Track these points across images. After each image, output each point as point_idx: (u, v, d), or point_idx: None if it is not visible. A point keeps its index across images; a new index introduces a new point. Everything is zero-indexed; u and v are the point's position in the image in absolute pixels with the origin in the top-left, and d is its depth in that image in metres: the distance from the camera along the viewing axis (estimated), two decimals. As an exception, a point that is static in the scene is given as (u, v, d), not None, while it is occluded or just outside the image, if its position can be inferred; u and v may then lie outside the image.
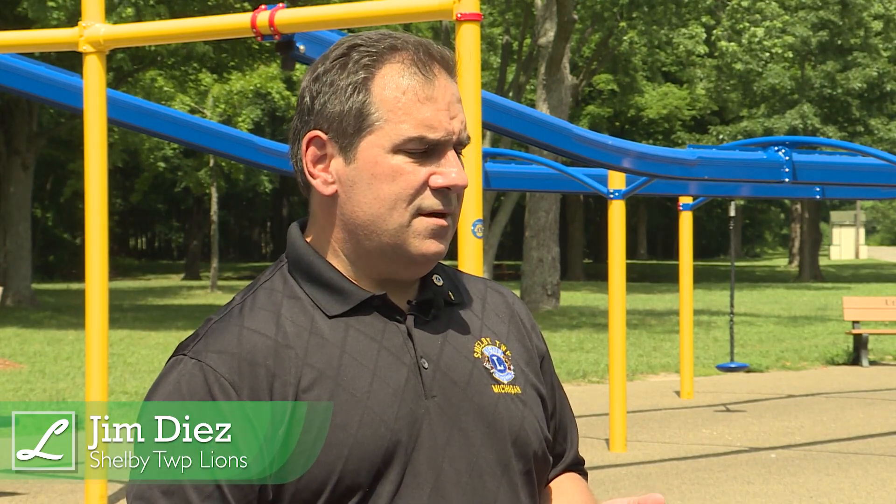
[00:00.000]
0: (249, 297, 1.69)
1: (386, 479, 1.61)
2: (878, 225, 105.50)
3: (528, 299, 27.50)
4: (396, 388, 1.64)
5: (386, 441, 1.61)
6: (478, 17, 6.03)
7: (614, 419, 10.21)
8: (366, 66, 1.67)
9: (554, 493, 1.81)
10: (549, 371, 1.85)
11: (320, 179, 1.69)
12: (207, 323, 1.67)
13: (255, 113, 42.18)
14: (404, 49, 1.68)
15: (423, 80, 1.66)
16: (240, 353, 1.61)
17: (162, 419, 1.59)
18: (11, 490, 8.57)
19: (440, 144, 1.66)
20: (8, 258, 28.01)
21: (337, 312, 1.67)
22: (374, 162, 1.65)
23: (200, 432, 1.58)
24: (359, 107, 1.66)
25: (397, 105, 1.65)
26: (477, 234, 5.87)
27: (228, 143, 10.23)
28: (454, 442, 1.66)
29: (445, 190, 1.67)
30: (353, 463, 1.59)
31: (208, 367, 1.61)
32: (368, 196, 1.66)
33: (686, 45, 29.77)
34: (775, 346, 19.44)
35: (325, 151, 1.68)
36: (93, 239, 7.15)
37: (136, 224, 66.62)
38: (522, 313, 1.86)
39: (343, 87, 1.67)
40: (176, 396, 1.60)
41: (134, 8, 23.70)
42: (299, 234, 1.74)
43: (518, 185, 13.23)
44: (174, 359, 1.65)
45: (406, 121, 1.65)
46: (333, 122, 1.67)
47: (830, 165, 10.31)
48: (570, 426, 1.88)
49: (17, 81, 8.58)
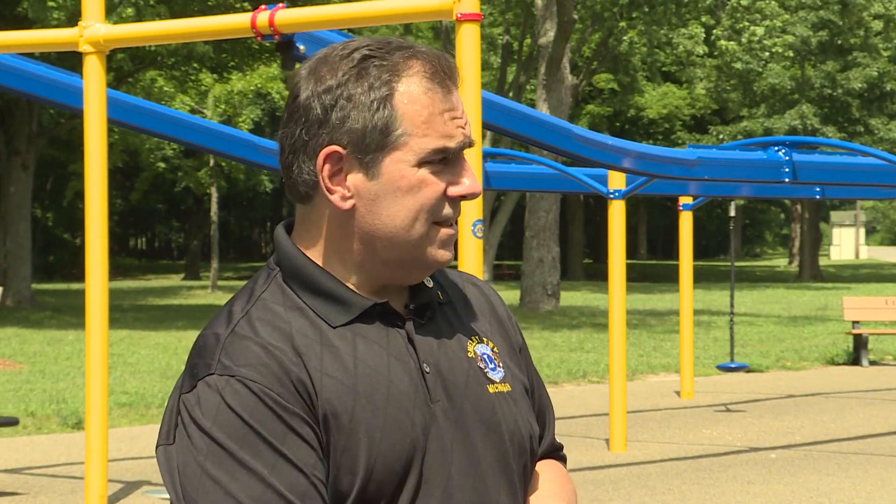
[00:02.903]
0: (252, 310, 1.67)
1: (405, 487, 1.62)
2: (878, 225, 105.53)
3: (528, 299, 27.51)
4: (408, 394, 1.65)
5: (406, 449, 1.62)
6: (478, 17, 6.03)
7: (614, 419, 10.21)
8: (386, 82, 1.66)
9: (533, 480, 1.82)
10: (526, 359, 1.87)
11: (338, 194, 1.67)
12: (217, 340, 1.64)
13: (255, 113, 42.18)
14: (418, 60, 1.68)
15: (442, 92, 1.68)
16: (270, 364, 1.60)
17: (225, 438, 1.57)
18: (11, 490, 8.57)
19: (456, 152, 1.69)
20: (8, 258, 28.01)
21: (341, 322, 1.67)
22: (399, 176, 1.66)
23: (271, 441, 1.57)
24: (384, 123, 1.65)
25: (420, 120, 1.66)
26: (477, 234, 5.87)
27: (229, 144, 10.23)
28: (458, 446, 1.67)
29: (463, 198, 1.70)
30: (378, 472, 1.60)
31: (248, 379, 1.58)
32: (393, 209, 1.66)
33: (686, 44, 29.77)
34: (775, 346, 19.44)
35: (341, 166, 1.67)
36: (93, 239, 7.15)
37: (136, 224, 66.63)
38: (499, 305, 1.87)
39: (365, 102, 1.66)
40: (228, 415, 1.57)
41: (134, 8, 23.70)
42: (290, 242, 1.72)
43: (518, 185, 13.24)
44: (201, 382, 1.60)
45: (429, 134, 1.66)
46: (354, 138, 1.66)
47: (830, 165, 10.31)
48: (547, 411, 1.90)
49: (17, 81, 8.58)
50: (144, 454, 9.81)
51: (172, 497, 1.62)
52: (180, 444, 1.60)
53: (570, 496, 1.83)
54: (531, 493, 1.79)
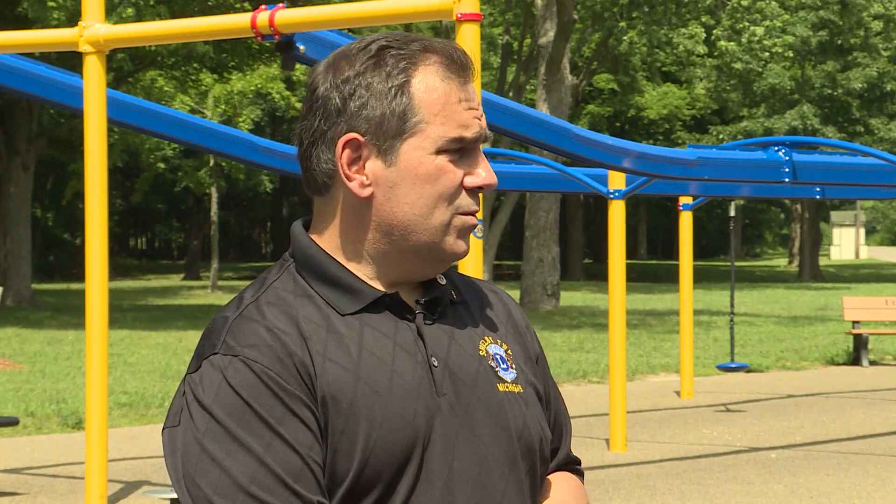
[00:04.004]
0: (262, 296, 1.70)
1: (405, 475, 1.63)
2: (878, 225, 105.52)
3: (528, 299, 27.50)
4: (413, 384, 1.66)
5: (406, 436, 1.63)
6: (478, 17, 6.03)
7: (614, 419, 10.21)
8: (404, 70, 1.69)
9: (546, 490, 1.82)
10: (543, 369, 1.87)
11: (357, 182, 1.69)
12: (225, 322, 1.66)
13: (255, 113, 42.17)
14: (436, 51, 1.71)
15: (459, 82, 1.71)
16: (273, 345, 1.62)
17: (225, 416, 1.59)
18: (11, 490, 8.57)
19: (473, 143, 1.71)
20: (8, 258, 28.02)
21: (350, 311, 1.69)
22: (417, 163, 1.68)
23: (268, 421, 1.58)
24: (401, 110, 1.68)
25: (437, 107, 1.69)
26: (477, 234, 5.87)
27: (229, 144, 10.23)
28: (463, 439, 1.67)
29: (479, 189, 1.72)
30: (376, 457, 1.61)
31: (250, 360, 1.61)
32: (411, 196, 1.68)
33: (686, 44, 29.76)
34: (775, 346, 19.44)
35: (360, 153, 1.70)
36: (93, 239, 7.16)
37: (136, 224, 66.65)
38: (518, 314, 1.88)
39: (383, 90, 1.68)
40: (229, 394, 1.59)
41: (134, 8, 23.70)
42: (305, 234, 1.75)
43: (518, 185, 13.24)
44: (206, 361, 1.63)
45: (447, 122, 1.69)
46: (373, 125, 1.69)
47: (830, 165, 10.31)
48: (564, 424, 1.90)
49: (17, 81, 8.59)
50: (144, 454, 9.81)
51: (172, 478, 1.63)
52: (183, 424, 1.62)
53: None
54: (543, 499, 1.80)
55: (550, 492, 1.81)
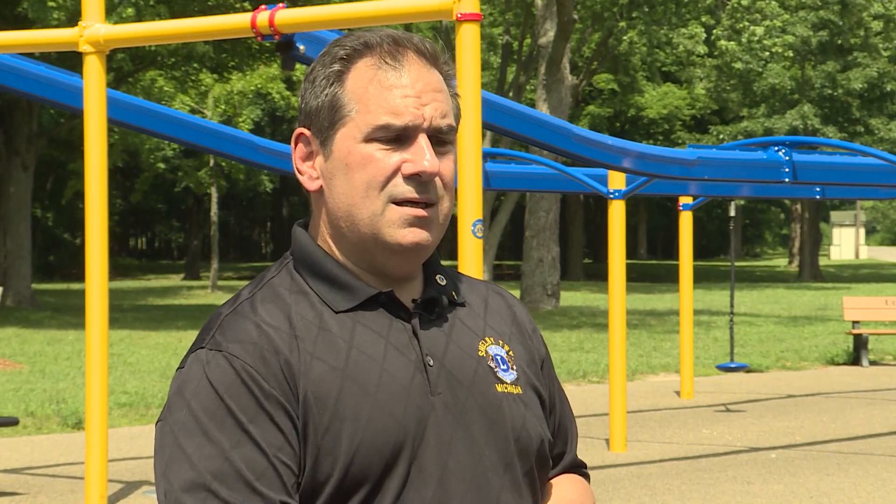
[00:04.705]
0: (258, 293, 1.70)
1: (394, 474, 1.62)
2: (878, 225, 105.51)
3: (528, 299, 27.50)
4: (404, 383, 1.65)
5: (395, 435, 1.62)
6: (478, 17, 6.03)
7: (614, 419, 10.21)
8: (341, 60, 1.70)
9: (552, 492, 1.81)
10: (549, 373, 1.85)
11: (306, 175, 1.72)
12: (218, 317, 1.67)
13: (255, 113, 42.18)
14: (378, 44, 1.70)
15: (390, 68, 1.68)
16: (259, 342, 1.62)
17: (200, 410, 1.59)
18: (11, 490, 8.57)
19: (409, 131, 1.67)
20: (8, 258, 28.01)
21: (343, 308, 1.68)
22: (347, 152, 1.67)
23: (239, 418, 1.58)
24: (331, 100, 1.69)
25: (365, 95, 1.67)
26: (477, 234, 5.87)
27: (229, 144, 10.23)
28: (458, 439, 1.66)
29: (417, 177, 1.66)
30: (362, 456, 1.60)
31: (232, 356, 1.61)
32: (344, 186, 1.68)
33: (686, 44, 29.77)
34: (775, 346, 19.44)
35: (311, 148, 1.72)
36: (93, 239, 7.16)
37: (136, 224, 66.64)
38: (523, 316, 1.87)
39: (321, 83, 1.70)
40: (206, 389, 1.60)
41: (134, 8, 23.70)
42: (304, 231, 1.76)
43: (518, 185, 13.23)
44: (192, 355, 1.64)
45: (373, 110, 1.66)
46: (312, 118, 1.71)
47: (830, 165, 10.31)
48: (570, 428, 1.89)
49: (17, 81, 8.59)
50: (144, 454, 9.81)
51: (155, 470, 1.64)
52: (166, 417, 1.64)
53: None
54: (546, 500, 1.79)
55: (557, 492, 1.81)
